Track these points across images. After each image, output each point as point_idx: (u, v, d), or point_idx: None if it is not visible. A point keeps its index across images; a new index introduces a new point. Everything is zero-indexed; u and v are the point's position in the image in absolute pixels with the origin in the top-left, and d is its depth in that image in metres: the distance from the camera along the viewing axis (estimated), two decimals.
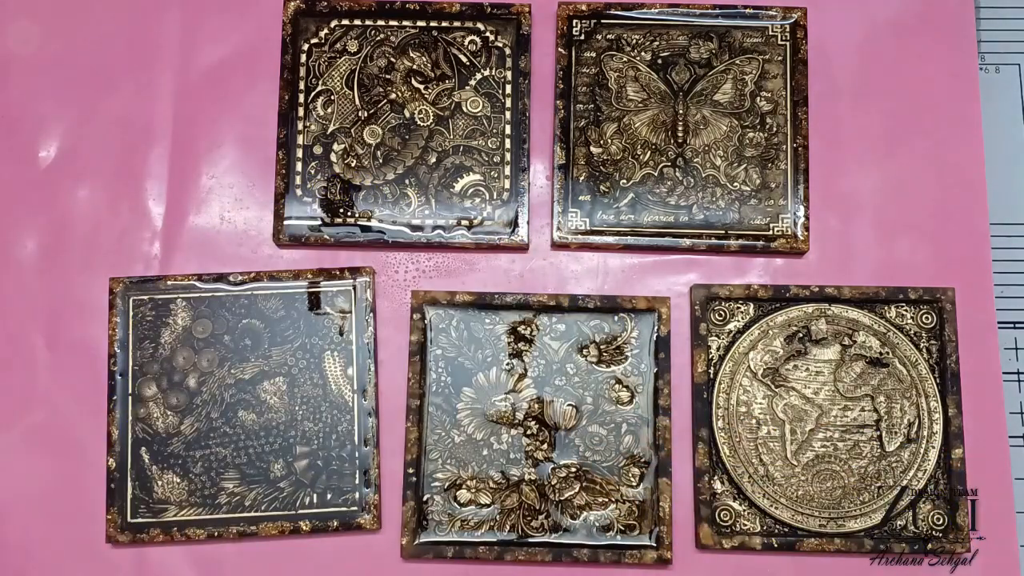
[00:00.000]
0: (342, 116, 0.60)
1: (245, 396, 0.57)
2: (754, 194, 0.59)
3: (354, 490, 0.56)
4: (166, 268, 0.59)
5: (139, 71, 0.61)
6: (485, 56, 0.60)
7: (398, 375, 0.58)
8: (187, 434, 0.56)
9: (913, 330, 0.58)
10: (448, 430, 0.56)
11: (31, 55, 0.61)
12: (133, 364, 0.57)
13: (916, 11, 0.62)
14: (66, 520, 0.57)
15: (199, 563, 0.56)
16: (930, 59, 0.61)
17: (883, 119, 0.61)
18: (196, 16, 0.62)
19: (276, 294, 0.58)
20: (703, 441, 0.56)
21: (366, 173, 0.59)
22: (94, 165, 0.60)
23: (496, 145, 0.59)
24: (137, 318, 0.57)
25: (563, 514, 0.56)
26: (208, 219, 0.60)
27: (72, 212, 0.60)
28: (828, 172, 0.60)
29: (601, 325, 0.57)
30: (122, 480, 0.56)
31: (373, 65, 0.60)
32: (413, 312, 0.57)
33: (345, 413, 0.57)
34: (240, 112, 0.61)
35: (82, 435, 0.57)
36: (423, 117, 0.60)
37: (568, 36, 0.60)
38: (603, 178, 0.59)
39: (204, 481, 0.56)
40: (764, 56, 0.60)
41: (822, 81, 0.61)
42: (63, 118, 0.61)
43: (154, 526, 0.56)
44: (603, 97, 0.60)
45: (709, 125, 0.60)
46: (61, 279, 0.59)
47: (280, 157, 0.59)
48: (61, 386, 0.58)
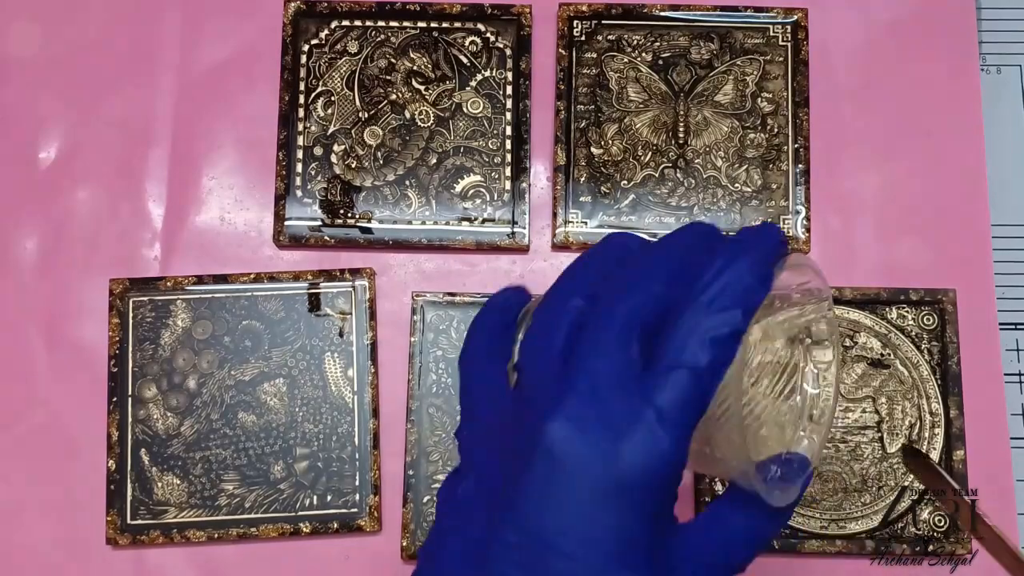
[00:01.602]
0: (342, 117, 0.60)
1: (245, 397, 0.57)
2: (755, 195, 0.59)
3: (354, 492, 0.56)
4: (166, 269, 0.59)
5: (139, 72, 0.61)
6: (486, 57, 0.60)
7: (398, 376, 0.58)
8: (187, 436, 0.56)
9: (914, 331, 0.58)
10: (449, 432, 0.56)
11: (31, 55, 0.61)
12: (133, 365, 0.57)
13: (917, 12, 0.62)
14: (65, 521, 0.57)
15: (199, 565, 0.56)
16: (931, 60, 0.61)
17: (884, 120, 0.61)
18: (196, 17, 0.62)
19: (276, 295, 0.57)
20: None
21: (366, 174, 0.59)
22: (94, 166, 0.60)
23: (497, 146, 0.59)
24: (137, 319, 0.57)
25: None
26: (208, 220, 0.60)
27: (72, 213, 0.60)
28: (829, 173, 0.60)
29: None
30: (122, 482, 0.56)
31: (373, 66, 0.60)
32: (413, 313, 0.57)
33: (345, 415, 0.56)
34: (240, 113, 0.61)
35: (81, 436, 0.57)
36: (423, 118, 0.60)
37: (569, 37, 0.60)
38: (604, 179, 0.59)
39: (204, 483, 0.56)
40: (765, 57, 0.60)
41: (823, 82, 0.61)
42: (63, 119, 0.61)
43: (154, 528, 0.55)
44: (604, 98, 0.60)
45: (710, 126, 0.60)
46: (61, 280, 0.59)
47: (280, 158, 0.59)
48: (60, 387, 0.58)
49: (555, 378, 0.31)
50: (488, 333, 0.37)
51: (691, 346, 0.30)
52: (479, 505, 0.33)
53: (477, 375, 0.36)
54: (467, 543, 0.32)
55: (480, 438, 0.35)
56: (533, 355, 0.33)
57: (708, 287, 0.31)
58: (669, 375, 0.30)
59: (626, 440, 0.30)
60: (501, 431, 0.33)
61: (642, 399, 0.30)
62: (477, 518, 0.32)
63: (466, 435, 0.35)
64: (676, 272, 0.32)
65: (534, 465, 0.30)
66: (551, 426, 0.30)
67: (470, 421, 0.36)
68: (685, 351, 0.30)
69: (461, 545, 0.32)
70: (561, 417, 0.30)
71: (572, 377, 0.31)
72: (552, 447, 0.30)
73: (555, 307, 0.33)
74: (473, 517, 0.32)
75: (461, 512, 0.33)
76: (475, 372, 0.36)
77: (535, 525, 0.30)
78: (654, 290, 0.31)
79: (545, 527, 0.30)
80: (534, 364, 0.33)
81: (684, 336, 0.30)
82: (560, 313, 0.33)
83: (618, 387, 0.30)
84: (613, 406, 0.30)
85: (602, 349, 0.31)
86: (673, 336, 0.30)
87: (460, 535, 0.33)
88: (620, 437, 0.30)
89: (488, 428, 0.34)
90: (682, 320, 0.30)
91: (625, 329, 0.31)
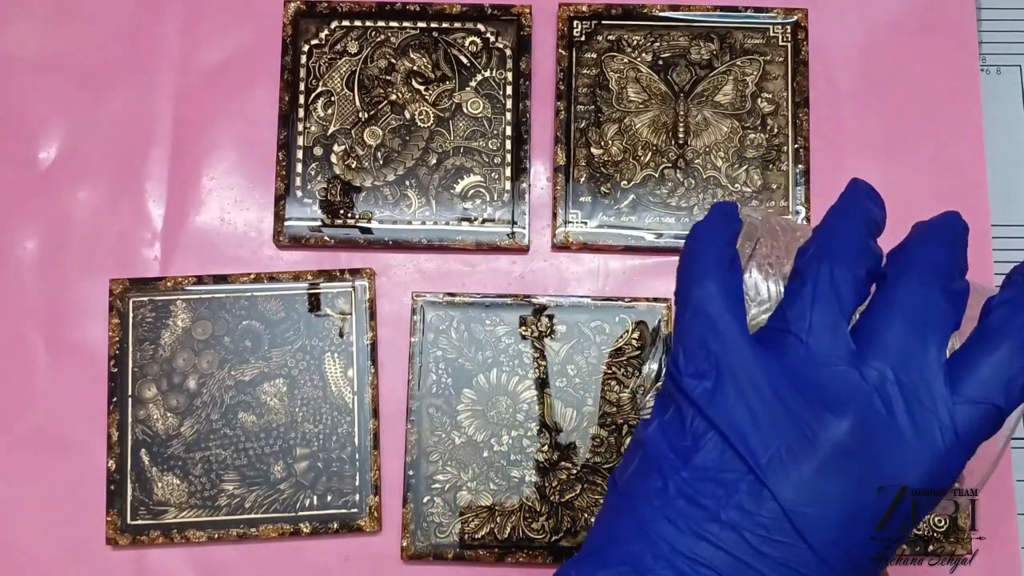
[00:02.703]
0: (342, 117, 0.60)
1: (245, 398, 0.57)
2: (755, 195, 0.59)
3: (354, 492, 0.56)
4: (166, 269, 0.59)
5: (139, 72, 0.61)
6: (486, 57, 0.60)
7: (398, 377, 0.58)
8: (187, 436, 0.56)
9: None
10: (448, 432, 0.56)
11: (31, 55, 0.61)
12: (133, 366, 0.57)
13: (917, 12, 0.62)
14: (65, 522, 0.57)
15: (199, 565, 0.56)
16: (931, 60, 0.61)
17: (884, 120, 0.61)
18: (196, 17, 0.62)
19: (276, 296, 0.57)
20: None
21: (366, 174, 0.59)
22: (94, 166, 0.60)
23: (497, 146, 0.59)
24: (137, 319, 0.57)
25: (564, 516, 0.56)
26: (208, 220, 0.60)
27: (72, 213, 0.60)
28: (829, 173, 0.60)
29: (602, 326, 0.57)
30: (122, 482, 0.56)
31: (373, 66, 0.60)
32: (413, 313, 0.57)
33: (345, 415, 0.56)
34: (240, 113, 0.61)
35: (82, 437, 0.57)
36: (423, 118, 0.60)
37: (569, 37, 0.60)
38: (604, 179, 0.59)
39: (204, 483, 0.56)
40: (765, 57, 0.60)
41: (823, 82, 0.61)
42: (63, 119, 0.61)
43: (154, 528, 0.55)
44: (604, 98, 0.60)
45: (710, 126, 0.60)
46: (61, 280, 0.59)
47: (280, 158, 0.59)
48: (61, 388, 0.58)
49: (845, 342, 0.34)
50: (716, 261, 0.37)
51: (1000, 385, 0.33)
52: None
53: (712, 312, 0.36)
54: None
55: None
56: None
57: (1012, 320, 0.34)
58: (978, 407, 0.33)
59: (920, 443, 0.32)
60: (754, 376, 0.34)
61: (947, 409, 0.33)
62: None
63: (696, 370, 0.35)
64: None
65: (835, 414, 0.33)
66: (853, 373, 0.33)
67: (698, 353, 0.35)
68: (992, 389, 0.33)
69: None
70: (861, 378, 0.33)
71: (879, 346, 0.33)
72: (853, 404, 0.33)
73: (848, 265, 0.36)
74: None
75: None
76: (710, 309, 0.36)
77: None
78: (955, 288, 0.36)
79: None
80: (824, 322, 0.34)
81: (995, 372, 0.33)
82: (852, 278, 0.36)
83: (923, 380, 0.33)
84: (919, 393, 0.33)
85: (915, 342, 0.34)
86: (981, 363, 0.33)
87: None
88: (919, 435, 0.33)
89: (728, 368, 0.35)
90: (990, 350, 0.34)
91: (939, 331, 0.34)
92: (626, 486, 0.35)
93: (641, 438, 0.36)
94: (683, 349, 0.35)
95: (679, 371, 0.35)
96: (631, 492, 0.35)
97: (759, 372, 0.34)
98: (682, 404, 0.35)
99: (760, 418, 0.33)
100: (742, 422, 0.33)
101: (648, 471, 0.35)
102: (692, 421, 0.34)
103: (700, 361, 0.34)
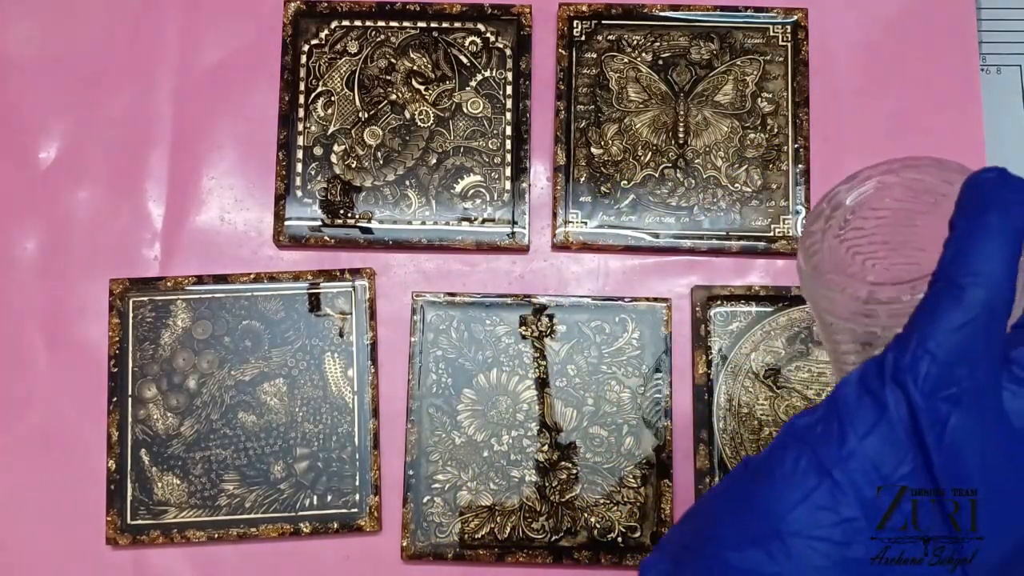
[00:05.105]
0: (342, 117, 0.60)
1: (245, 398, 0.57)
2: (755, 195, 0.59)
3: (354, 492, 0.56)
4: (166, 269, 0.59)
5: (139, 72, 0.61)
6: (486, 57, 0.60)
7: (398, 376, 0.58)
8: (187, 436, 0.56)
9: None
10: (448, 432, 0.56)
11: (31, 55, 0.61)
12: (133, 365, 0.57)
13: (917, 12, 0.62)
14: (65, 522, 0.57)
15: (199, 565, 0.56)
16: (931, 60, 0.61)
17: (884, 120, 0.61)
18: (196, 17, 0.62)
19: (276, 295, 0.57)
20: (704, 443, 0.56)
21: (366, 174, 0.59)
22: (94, 166, 0.60)
23: (497, 146, 0.59)
24: (137, 319, 0.57)
25: (564, 516, 0.56)
26: (208, 220, 0.60)
27: (72, 213, 0.60)
28: (829, 173, 0.60)
29: (602, 326, 0.57)
30: (122, 482, 0.56)
31: (373, 66, 0.60)
32: (413, 313, 0.57)
33: (345, 415, 0.56)
34: (240, 113, 0.61)
35: (82, 437, 0.57)
36: (423, 118, 0.60)
37: (569, 37, 0.60)
38: (604, 179, 0.59)
39: (204, 483, 0.56)
40: (765, 57, 0.60)
41: (823, 82, 0.61)
42: (63, 119, 0.61)
43: (154, 528, 0.55)
44: (604, 98, 0.60)
45: (710, 126, 0.60)
46: (61, 280, 0.59)
47: (280, 158, 0.59)
48: (61, 387, 0.58)
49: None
50: None
51: None
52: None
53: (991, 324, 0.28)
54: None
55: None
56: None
57: None
58: None
59: None
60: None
61: None
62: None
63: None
64: None
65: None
66: None
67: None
68: None
69: None
70: None
71: None
72: None
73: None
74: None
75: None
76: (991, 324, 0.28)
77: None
78: None
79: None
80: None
81: None
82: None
83: None
84: None
85: None
86: None
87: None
88: None
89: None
90: None
91: None
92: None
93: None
94: (931, 357, 0.27)
95: (917, 383, 0.27)
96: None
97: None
98: (898, 420, 0.28)
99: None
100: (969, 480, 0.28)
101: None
102: (904, 438, 0.28)
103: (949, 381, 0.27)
